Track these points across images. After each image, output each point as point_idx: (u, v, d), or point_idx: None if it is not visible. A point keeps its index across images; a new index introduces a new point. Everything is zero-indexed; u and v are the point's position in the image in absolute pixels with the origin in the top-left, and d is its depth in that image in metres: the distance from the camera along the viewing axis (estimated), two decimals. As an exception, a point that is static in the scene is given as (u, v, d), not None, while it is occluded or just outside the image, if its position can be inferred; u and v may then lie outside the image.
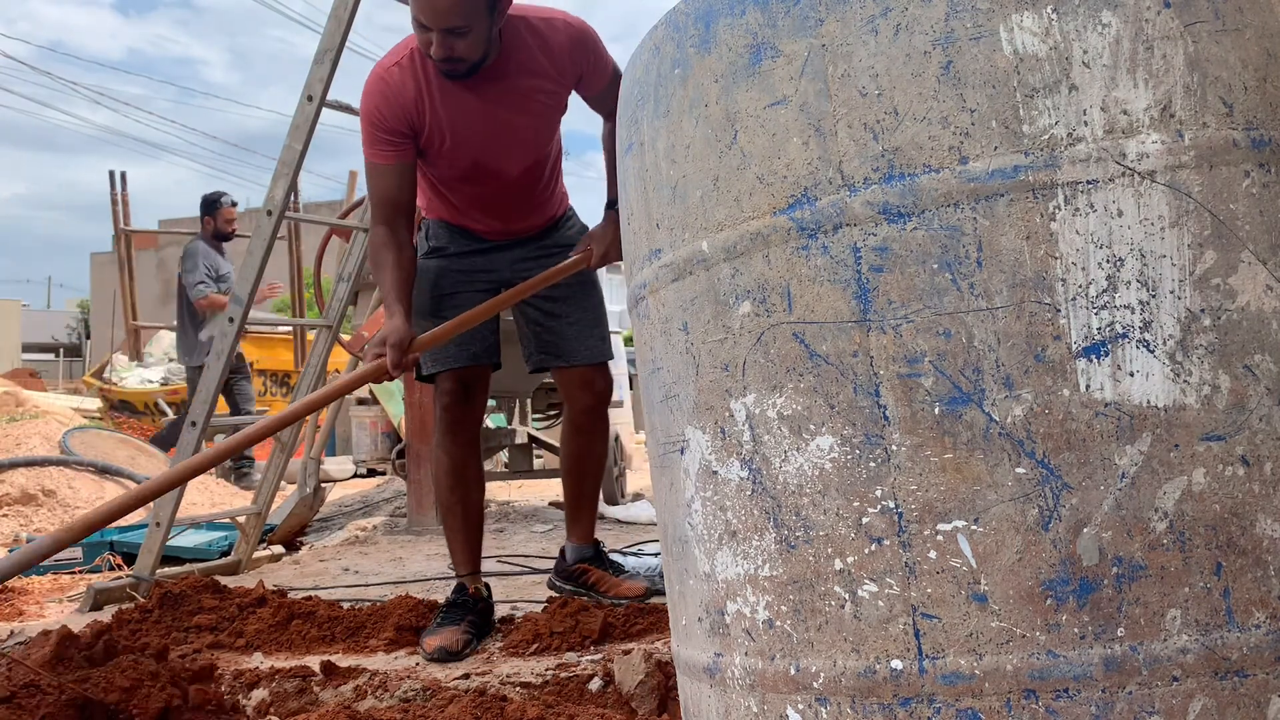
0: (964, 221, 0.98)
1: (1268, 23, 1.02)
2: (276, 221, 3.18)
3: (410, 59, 2.32)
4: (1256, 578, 0.94)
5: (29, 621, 3.11)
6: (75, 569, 3.99)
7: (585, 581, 2.79)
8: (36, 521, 5.14)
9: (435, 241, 2.64)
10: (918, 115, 1.01)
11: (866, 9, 1.03)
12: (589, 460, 2.81)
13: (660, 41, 1.21)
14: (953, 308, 0.98)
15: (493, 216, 2.62)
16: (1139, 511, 0.95)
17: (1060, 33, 0.98)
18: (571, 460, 2.83)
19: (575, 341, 2.69)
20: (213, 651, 2.48)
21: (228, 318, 3.21)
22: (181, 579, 2.94)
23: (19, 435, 6.46)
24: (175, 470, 2.13)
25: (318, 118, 3.14)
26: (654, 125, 1.21)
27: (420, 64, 2.32)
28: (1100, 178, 0.96)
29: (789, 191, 1.06)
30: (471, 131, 2.40)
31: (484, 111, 2.39)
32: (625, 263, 1.37)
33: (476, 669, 2.26)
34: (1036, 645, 0.95)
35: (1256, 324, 0.96)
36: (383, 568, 3.77)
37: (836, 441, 1.03)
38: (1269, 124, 1.00)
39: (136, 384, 11.02)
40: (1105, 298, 0.96)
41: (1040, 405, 0.96)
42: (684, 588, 1.23)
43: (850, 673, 1.02)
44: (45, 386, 17.16)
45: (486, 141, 2.44)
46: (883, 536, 1.01)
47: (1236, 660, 0.93)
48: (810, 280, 1.05)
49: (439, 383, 2.62)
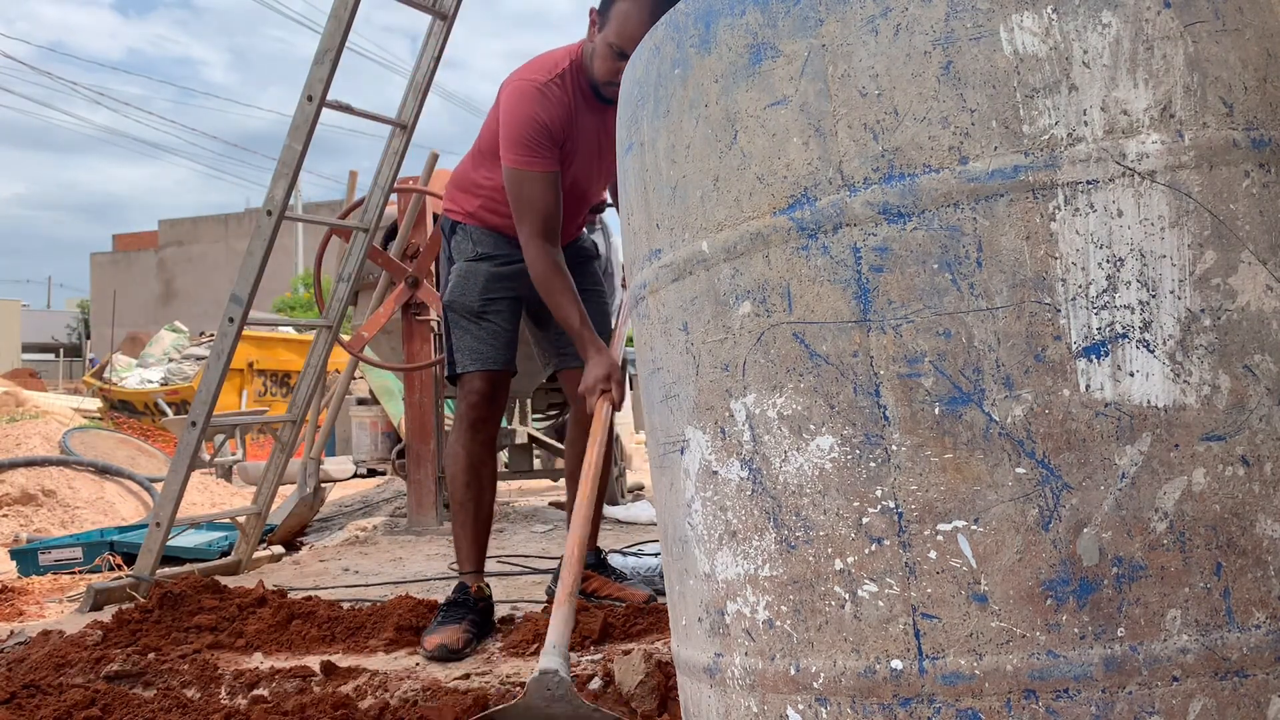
0: (964, 221, 0.98)
1: (1268, 23, 1.02)
2: (276, 221, 3.18)
3: (564, 78, 2.48)
4: (1256, 578, 0.94)
5: (29, 621, 3.11)
6: (75, 569, 3.99)
7: (586, 589, 2.78)
8: (36, 521, 5.14)
9: (483, 248, 2.72)
10: (918, 115, 1.00)
11: (866, 9, 1.03)
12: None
13: (660, 41, 1.21)
14: (953, 308, 0.98)
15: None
16: (1139, 511, 0.95)
17: (1060, 33, 0.98)
18: (578, 463, 2.82)
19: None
20: (213, 651, 2.48)
21: (228, 318, 3.21)
22: (181, 579, 2.94)
23: (19, 435, 6.46)
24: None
25: (318, 118, 3.14)
26: (654, 125, 1.21)
27: (573, 83, 2.50)
28: (1100, 178, 0.96)
29: (789, 191, 1.06)
30: (588, 152, 2.59)
31: (599, 135, 2.57)
32: (625, 262, 1.37)
33: (477, 669, 2.26)
34: (1036, 645, 0.95)
35: (1256, 324, 0.96)
36: (383, 568, 3.77)
37: (837, 441, 1.03)
38: (1269, 124, 1.00)
39: (136, 384, 11.02)
40: (1105, 298, 0.96)
41: (1040, 405, 0.96)
42: (684, 588, 1.23)
43: (850, 673, 1.02)
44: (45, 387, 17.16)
45: (589, 163, 2.62)
46: (883, 536, 1.01)
47: (1236, 660, 0.93)
48: (810, 280, 1.05)
49: (468, 381, 2.66)
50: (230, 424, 3.84)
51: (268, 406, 9.99)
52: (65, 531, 4.91)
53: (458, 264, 2.71)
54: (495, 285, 2.70)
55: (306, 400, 3.80)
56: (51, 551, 4.09)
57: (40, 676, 2.25)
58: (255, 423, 4.00)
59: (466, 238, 2.73)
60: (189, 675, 2.29)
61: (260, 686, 2.19)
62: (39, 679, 2.20)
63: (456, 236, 2.74)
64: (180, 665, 2.35)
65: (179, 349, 11.84)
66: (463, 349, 2.67)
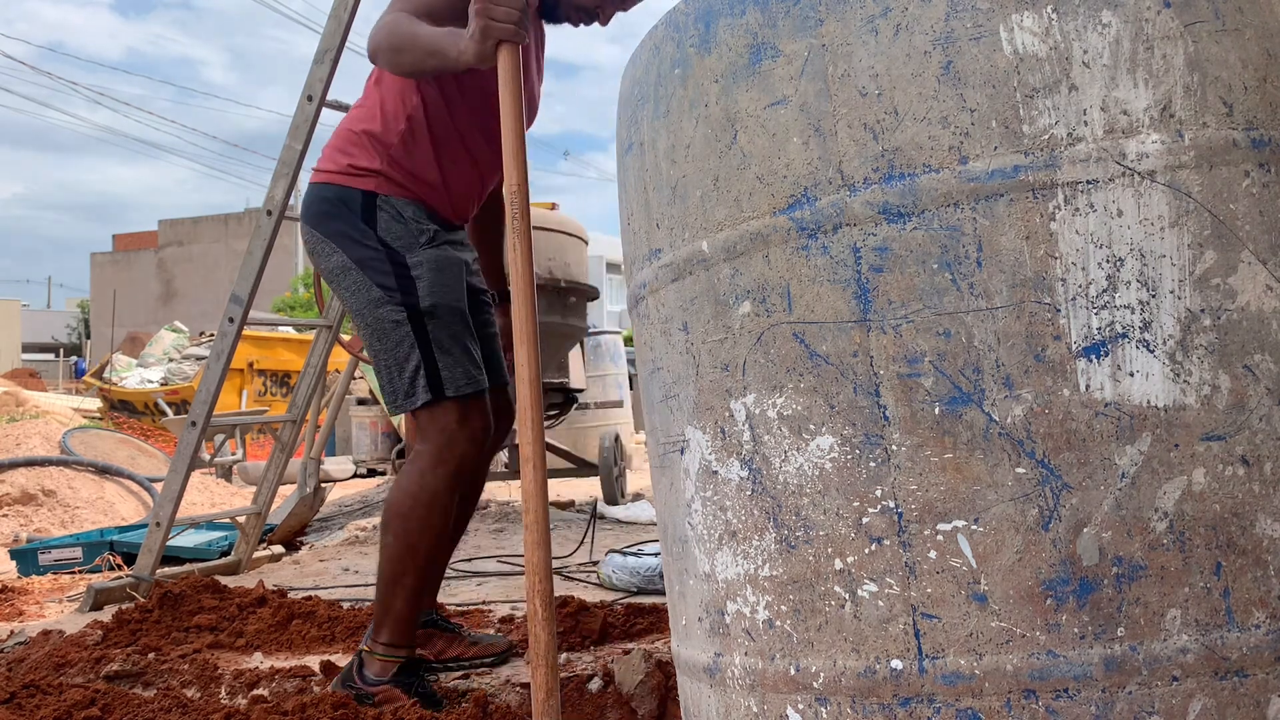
0: (964, 221, 0.98)
1: (1268, 23, 1.02)
2: (276, 221, 3.18)
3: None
4: (1256, 578, 0.94)
5: (29, 621, 3.11)
6: (75, 569, 3.99)
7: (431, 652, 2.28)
8: (36, 521, 5.14)
9: (430, 224, 2.10)
10: (918, 115, 1.00)
11: (866, 9, 1.03)
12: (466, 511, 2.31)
13: (660, 41, 1.21)
14: (953, 308, 0.98)
15: (475, 189, 2.21)
16: (1139, 511, 0.95)
17: (1060, 33, 0.98)
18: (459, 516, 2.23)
19: (499, 358, 2.32)
20: (213, 651, 2.47)
21: (228, 318, 3.21)
22: (181, 579, 2.94)
23: (19, 435, 6.47)
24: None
25: (318, 118, 3.14)
26: (654, 125, 1.21)
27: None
28: (1100, 178, 0.96)
29: (789, 191, 1.06)
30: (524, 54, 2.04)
31: (533, 57, 2.15)
32: (625, 262, 1.37)
33: (477, 669, 2.26)
34: (1036, 645, 0.95)
35: (1256, 324, 0.96)
36: (383, 568, 3.76)
37: (836, 441, 1.03)
38: (1269, 124, 1.00)
39: (136, 384, 11.03)
40: (1105, 298, 0.96)
41: (1040, 405, 0.96)
42: (684, 588, 1.23)
43: (850, 673, 1.02)
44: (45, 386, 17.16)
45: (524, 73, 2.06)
46: (883, 536, 1.01)
47: (1236, 660, 0.93)
48: (810, 280, 1.05)
49: (469, 410, 2.05)
50: (230, 424, 3.84)
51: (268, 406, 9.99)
52: (65, 531, 4.91)
53: (419, 253, 2.04)
54: (468, 270, 2.17)
55: (306, 400, 3.80)
56: (51, 551, 4.09)
57: (40, 676, 2.25)
58: (255, 423, 4.00)
59: (400, 215, 2.06)
60: (189, 675, 2.29)
61: (260, 686, 2.19)
62: (39, 679, 2.20)
63: (381, 214, 2.05)
64: (180, 665, 2.34)
65: (179, 349, 11.85)
66: (452, 365, 2.03)
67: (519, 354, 1.58)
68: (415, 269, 2.03)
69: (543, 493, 1.53)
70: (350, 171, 2.06)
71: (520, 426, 1.57)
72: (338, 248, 2.06)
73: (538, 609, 1.47)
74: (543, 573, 1.49)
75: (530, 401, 1.55)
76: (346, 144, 2.10)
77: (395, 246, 2.04)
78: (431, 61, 1.84)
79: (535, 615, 1.47)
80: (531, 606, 1.48)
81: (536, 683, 1.45)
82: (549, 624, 1.47)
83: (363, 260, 2.04)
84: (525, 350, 1.57)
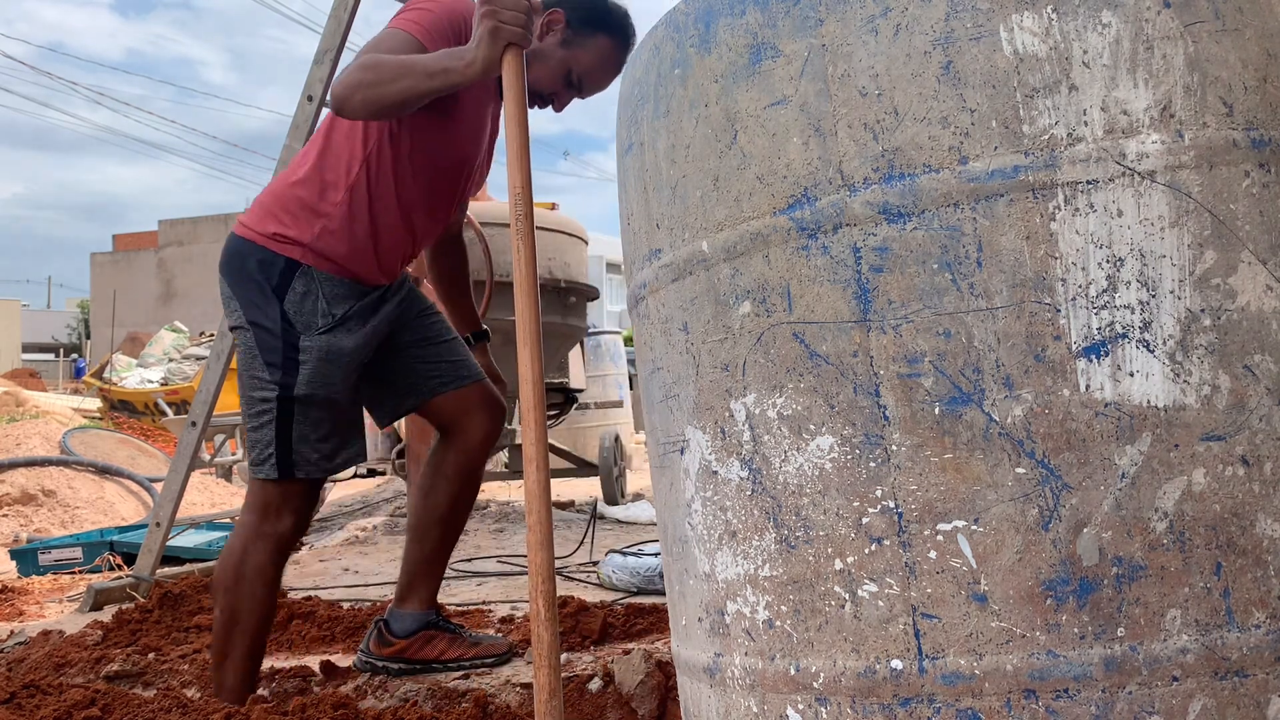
0: (964, 221, 0.98)
1: (1268, 23, 1.02)
2: (276, 221, 3.18)
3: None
4: (1256, 578, 0.94)
5: (29, 621, 3.11)
6: (75, 569, 3.99)
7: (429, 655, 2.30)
8: (36, 521, 5.14)
9: (339, 307, 2.06)
10: (918, 115, 1.01)
11: (866, 9, 1.03)
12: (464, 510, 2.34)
13: (660, 41, 1.21)
14: (953, 308, 0.98)
15: (407, 252, 2.20)
16: (1139, 511, 0.95)
17: (1060, 33, 0.98)
18: (446, 508, 2.29)
19: (468, 357, 2.36)
20: (213, 651, 2.47)
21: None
22: (181, 579, 2.94)
23: (19, 435, 6.47)
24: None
25: (318, 118, 3.14)
26: (654, 125, 1.21)
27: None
28: (1100, 178, 0.96)
29: (789, 191, 1.06)
30: (475, 119, 2.15)
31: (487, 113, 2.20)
32: (625, 262, 1.37)
33: (477, 669, 2.26)
34: (1036, 645, 0.95)
35: (1256, 324, 0.96)
36: (383, 568, 3.77)
37: (836, 441, 1.03)
38: (1269, 124, 1.00)
39: (136, 384, 11.03)
40: (1105, 298, 0.96)
41: (1040, 405, 0.96)
42: (684, 588, 1.23)
43: (850, 673, 1.02)
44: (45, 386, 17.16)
45: (474, 132, 2.17)
46: (883, 536, 1.01)
47: (1236, 660, 0.93)
48: (810, 280, 1.05)
49: (302, 488, 2.07)
50: (230, 424, 3.84)
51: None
52: (65, 531, 4.91)
53: (314, 338, 2.03)
54: (360, 354, 2.11)
55: (306, 400, 3.79)
56: (51, 551, 4.09)
57: (40, 676, 2.25)
58: (255, 423, 3.99)
59: (314, 291, 2.04)
60: (189, 675, 2.29)
61: (260, 686, 2.19)
62: (39, 679, 2.20)
63: (297, 284, 2.03)
64: (180, 665, 2.35)
65: (179, 349, 11.85)
66: (308, 451, 2.04)
67: (521, 355, 1.58)
68: (304, 354, 2.02)
69: (546, 493, 1.53)
70: (277, 239, 2.06)
71: (524, 427, 1.57)
72: (240, 308, 2.08)
73: (541, 610, 1.47)
74: (546, 573, 1.48)
75: (533, 402, 1.55)
76: (279, 208, 2.08)
77: (295, 324, 2.03)
78: (432, 82, 1.82)
79: (538, 616, 1.47)
80: (535, 607, 1.47)
81: (539, 684, 1.44)
82: (552, 625, 1.46)
83: (258, 329, 2.05)
84: (528, 351, 1.58)
